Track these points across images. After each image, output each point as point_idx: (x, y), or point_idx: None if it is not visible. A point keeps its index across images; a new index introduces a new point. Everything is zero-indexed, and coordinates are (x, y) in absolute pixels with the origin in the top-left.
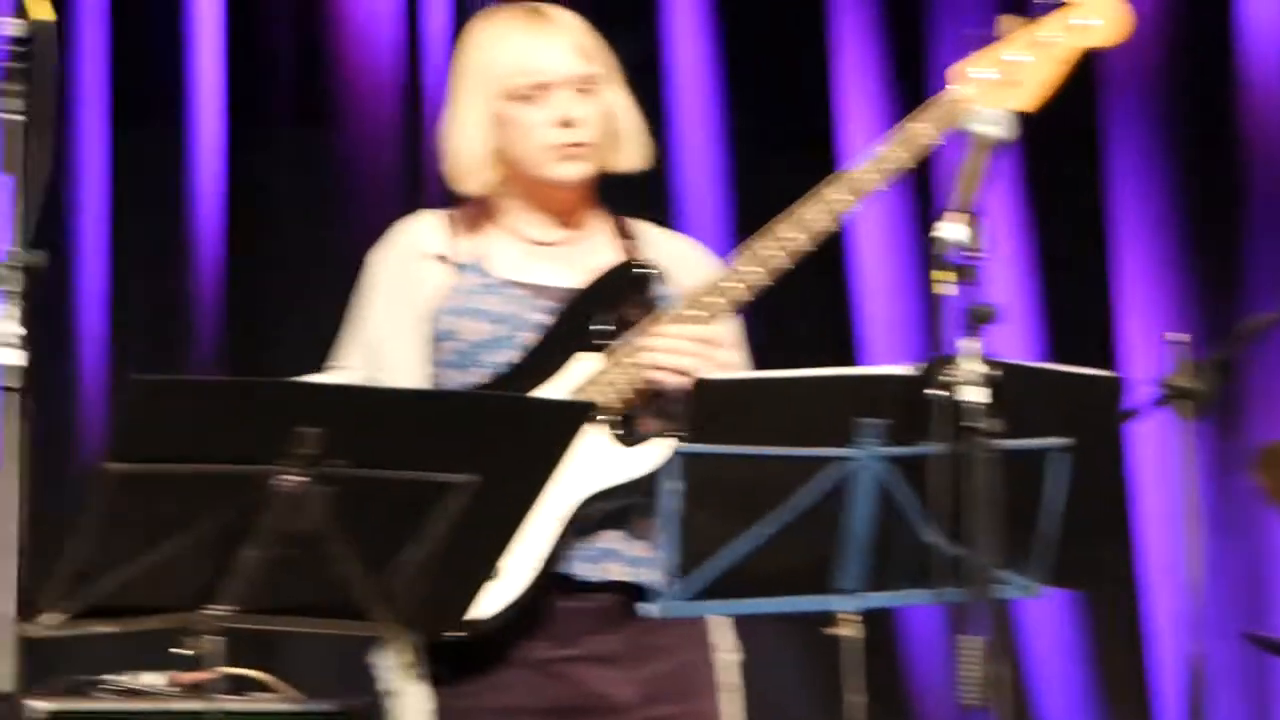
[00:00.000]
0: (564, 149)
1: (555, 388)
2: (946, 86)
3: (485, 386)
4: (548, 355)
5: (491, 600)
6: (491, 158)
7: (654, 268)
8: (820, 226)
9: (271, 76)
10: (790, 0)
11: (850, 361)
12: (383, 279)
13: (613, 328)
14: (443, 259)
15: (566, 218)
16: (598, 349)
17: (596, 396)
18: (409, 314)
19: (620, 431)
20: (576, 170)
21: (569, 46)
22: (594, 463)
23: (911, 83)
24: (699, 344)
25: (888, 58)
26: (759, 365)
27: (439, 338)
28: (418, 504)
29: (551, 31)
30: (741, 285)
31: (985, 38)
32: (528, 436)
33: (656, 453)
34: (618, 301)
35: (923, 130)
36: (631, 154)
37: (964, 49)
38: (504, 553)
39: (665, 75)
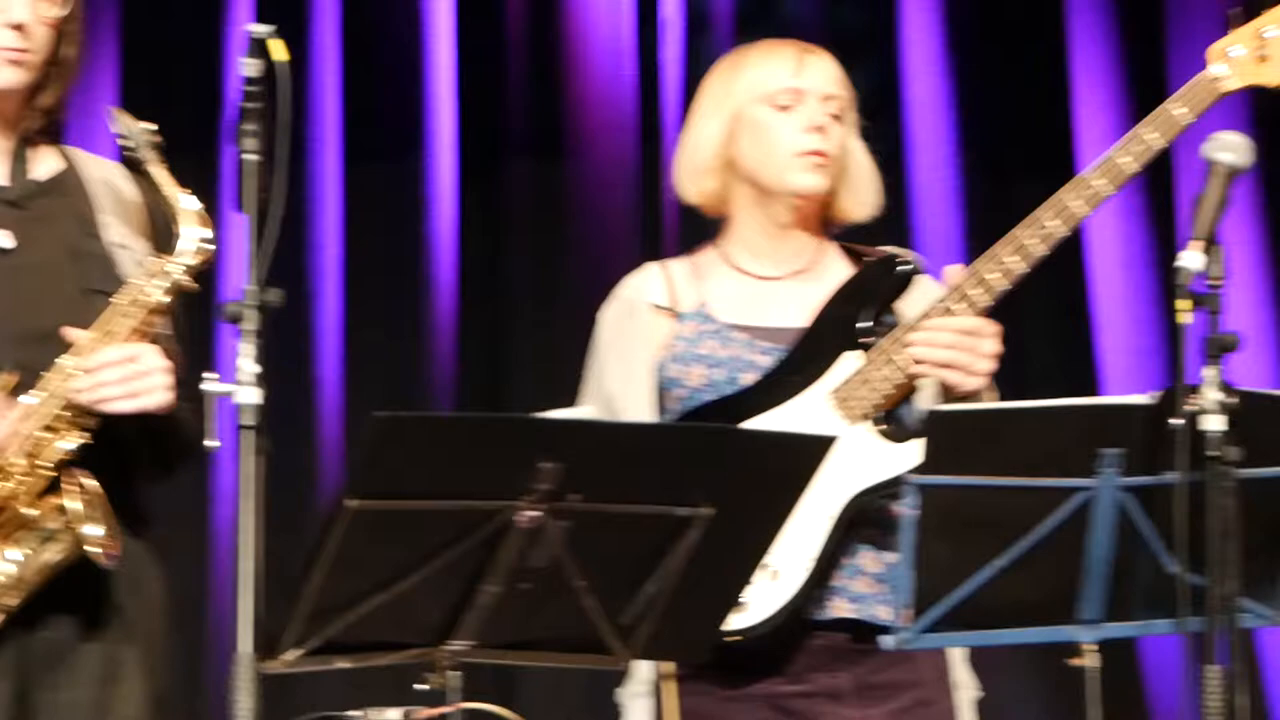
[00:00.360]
0: (811, 156)
1: (821, 386)
2: (1205, 67)
3: (747, 391)
4: (812, 356)
5: (766, 602)
6: (720, 163)
7: (916, 262)
8: (1078, 211)
9: (505, 110)
10: (1026, 29)
11: (1090, 392)
12: (609, 335)
13: (877, 324)
14: (665, 310)
15: (797, 248)
16: (863, 346)
17: (861, 393)
18: (636, 369)
19: (886, 427)
20: (816, 181)
21: (828, 68)
22: (861, 459)
23: (1150, 109)
24: (963, 336)
25: (1125, 85)
26: (999, 397)
27: (665, 386)
28: (655, 537)
29: (814, 54)
30: (1002, 275)
31: (1241, 15)
32: (768, 470)
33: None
34: (880, 297)
35: (1179, 112)
36: (864, 200)
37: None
38: (746, 584)
39: (903, 107)
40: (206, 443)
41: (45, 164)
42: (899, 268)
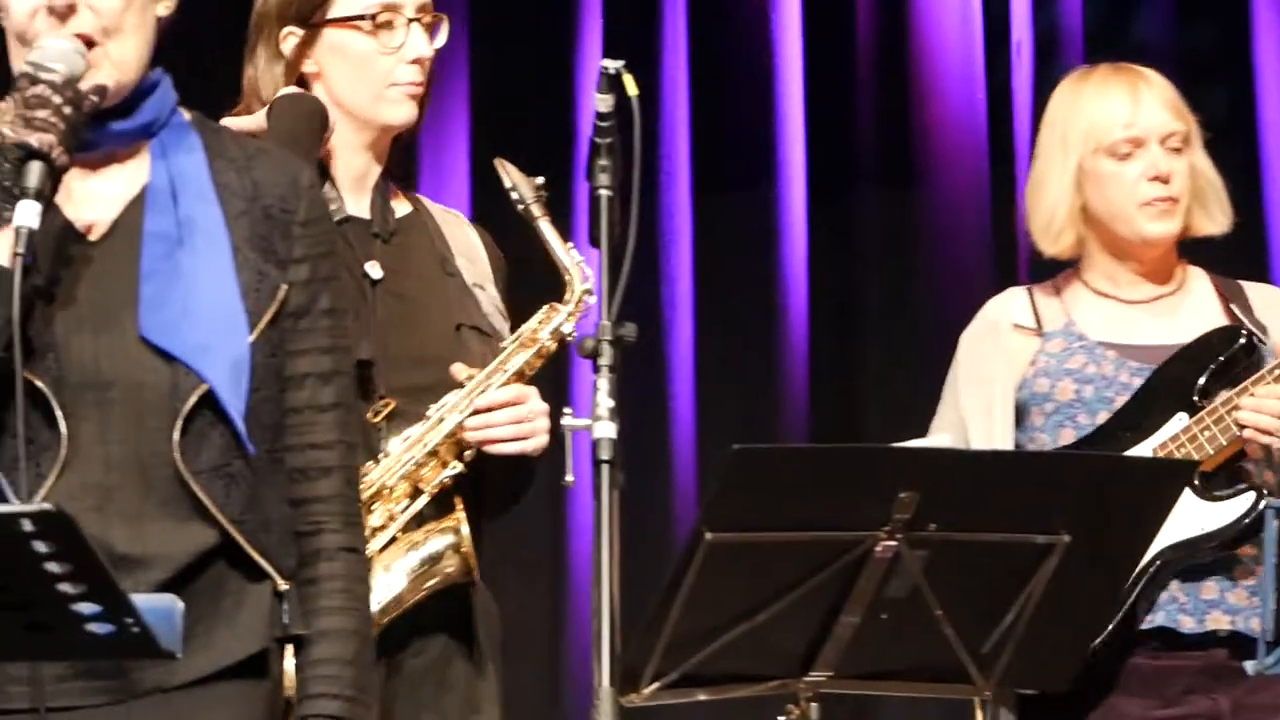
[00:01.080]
0: (1156, 204)
1: (1148, 443)
2: None
3: (1079, 444)
4: (1145, 412)
5: None
6: (1077, 216)
7: (1260, 332)
8: None
9: (854, 138)
10: None
11: None
12: (969, 356)
13: (1212, 387)
14: (1029, 329)
15: (1158, 275)
16: (1196, 408)
17: (1186, 451)
18: (995, 389)
19: (1199, 485)
20: (1166, 227)
21: (1163, 103)
22: (1176, 515)
23: None
24: None
25: None
26: None
27: (1030, 402)
28: (1014, 565)
29: (1146, 89)
30: None
31: None
32: (1125, 496)
33: (1237, 507)
34: (1220, 362)
35: None
36: (1216, 215)
37: None
38: (1110, 611)
39: (1258, 127)
40: (564, 479)
41: (399, 202)
42: (1241, 339)
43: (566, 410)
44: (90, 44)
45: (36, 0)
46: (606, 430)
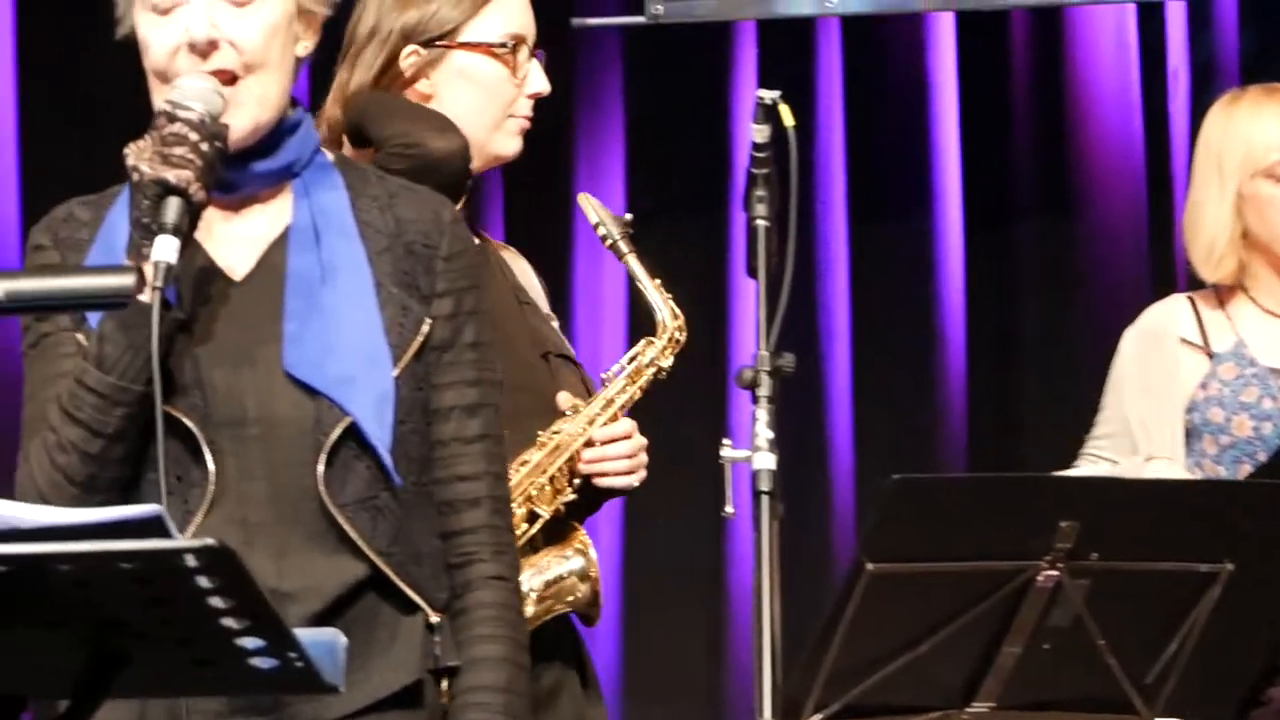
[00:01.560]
0: None
1: None
2: None
3: (1255, 473)
4: None
5: None
6: (1238, 242)
7: None
8: None
9: (1010, 166)
10: None
11: None
12: (1134, 366)
13: None
14: (1197, 347)
15: None
16: None
17: None
18: (1164, 407)
19: None
20: None
21: None
22: None
23: None
24: None
25: None
26: None
27: (1200, 428)
28: (1177, 594)
29: None
30: None
31: None
32: None
33: None
34: None
35: None
36: None
37: None
38: (1275, 640)
39: None
40: (724, 510)
41: None
42: None
43: (725, 442)
44: (231, 80)
45: (177, 38)
46: (766, 461)
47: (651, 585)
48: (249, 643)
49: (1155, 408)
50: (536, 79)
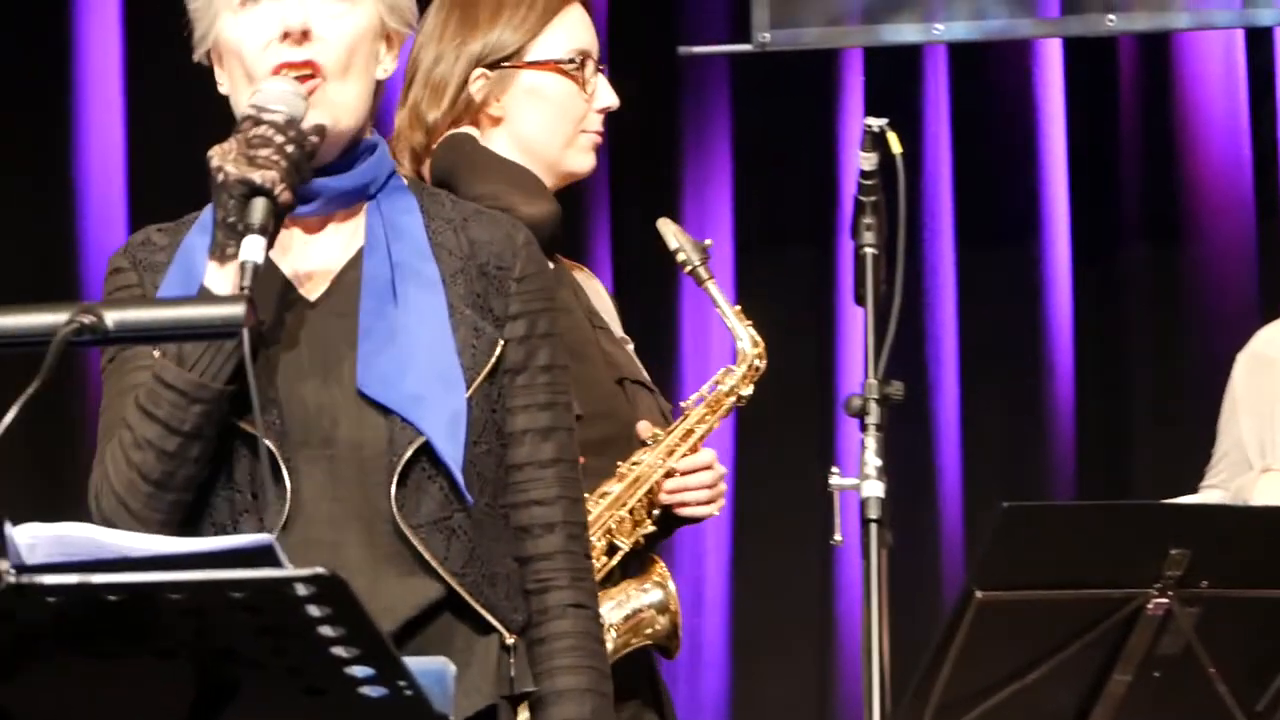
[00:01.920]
0: None
1: None
2: None
3: None
4: None
5: None
6: None
7: None
8: None
9: (1119, 193)
10: None
11: None
12: (1246, 388)
13: None
14: None
15: None
16: None
17: None
18: (1276, 421)
19: None
20: None
21: None
22: None
23: None
24: None
25: None
26: None
27: None
28: None
29: None
30: None
31: None
32: None
33: None
34: None
35: None
36: None
37: None
38: None
39: None
40: (833, 538)
41: None
42: None
43: (834, 470)
44: (312, 76)
45: (269, 32)
46: (874, 489)
47: (760, 614)
48: (359, 671)
49: (1270, 427)
50: (605, 93)
